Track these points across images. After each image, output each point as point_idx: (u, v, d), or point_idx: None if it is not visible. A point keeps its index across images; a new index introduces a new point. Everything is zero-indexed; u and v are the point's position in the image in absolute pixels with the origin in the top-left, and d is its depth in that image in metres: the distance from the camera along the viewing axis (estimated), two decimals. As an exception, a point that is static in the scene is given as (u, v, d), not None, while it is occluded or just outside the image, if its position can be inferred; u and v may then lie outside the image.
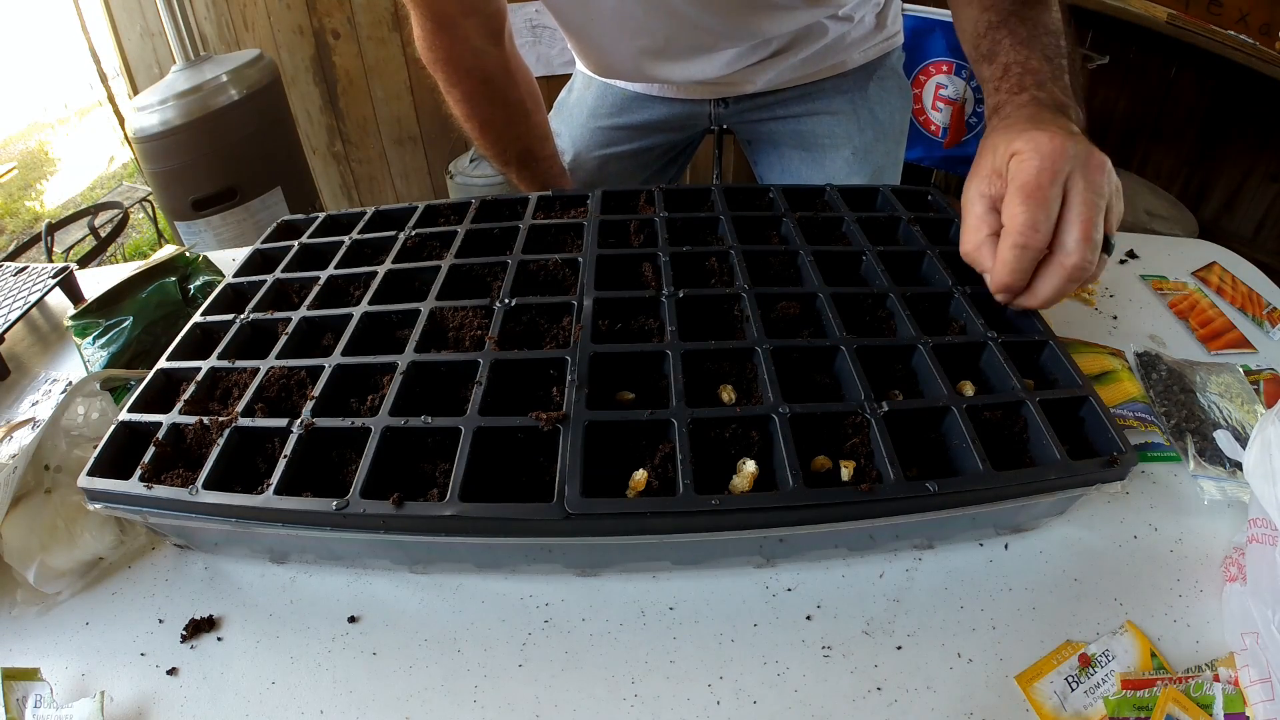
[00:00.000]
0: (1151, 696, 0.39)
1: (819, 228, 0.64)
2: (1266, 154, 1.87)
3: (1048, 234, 0.48)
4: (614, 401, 0.49)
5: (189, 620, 0.47)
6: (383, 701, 0.42)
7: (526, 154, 0.89)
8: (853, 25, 0.88)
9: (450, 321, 0.55)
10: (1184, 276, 0.73)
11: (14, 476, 0.50)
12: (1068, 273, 0.48)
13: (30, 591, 0.49)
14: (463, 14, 0.80)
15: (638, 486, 0.42)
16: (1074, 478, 0.43)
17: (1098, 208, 0.48)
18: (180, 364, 0.55)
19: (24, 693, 0.42)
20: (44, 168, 3.65)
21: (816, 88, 0.94)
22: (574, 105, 1.06)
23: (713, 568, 0.48)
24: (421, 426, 0.46)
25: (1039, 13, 0.61)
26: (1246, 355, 0.64)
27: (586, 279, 0.57)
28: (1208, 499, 0.50)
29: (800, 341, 0.51)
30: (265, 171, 1.98)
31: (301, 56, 2.27)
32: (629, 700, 0.41)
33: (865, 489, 0.41)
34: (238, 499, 0.43)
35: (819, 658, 0.43)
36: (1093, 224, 0.47)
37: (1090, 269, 0.48)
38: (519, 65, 0.88)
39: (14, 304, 0.75)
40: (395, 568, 0.49)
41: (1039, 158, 0.48)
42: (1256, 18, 1.69)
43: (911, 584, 0.46)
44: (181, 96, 1.81)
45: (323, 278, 0.62)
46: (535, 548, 0.45)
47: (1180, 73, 1.93)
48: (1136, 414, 0.56)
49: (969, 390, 0.49)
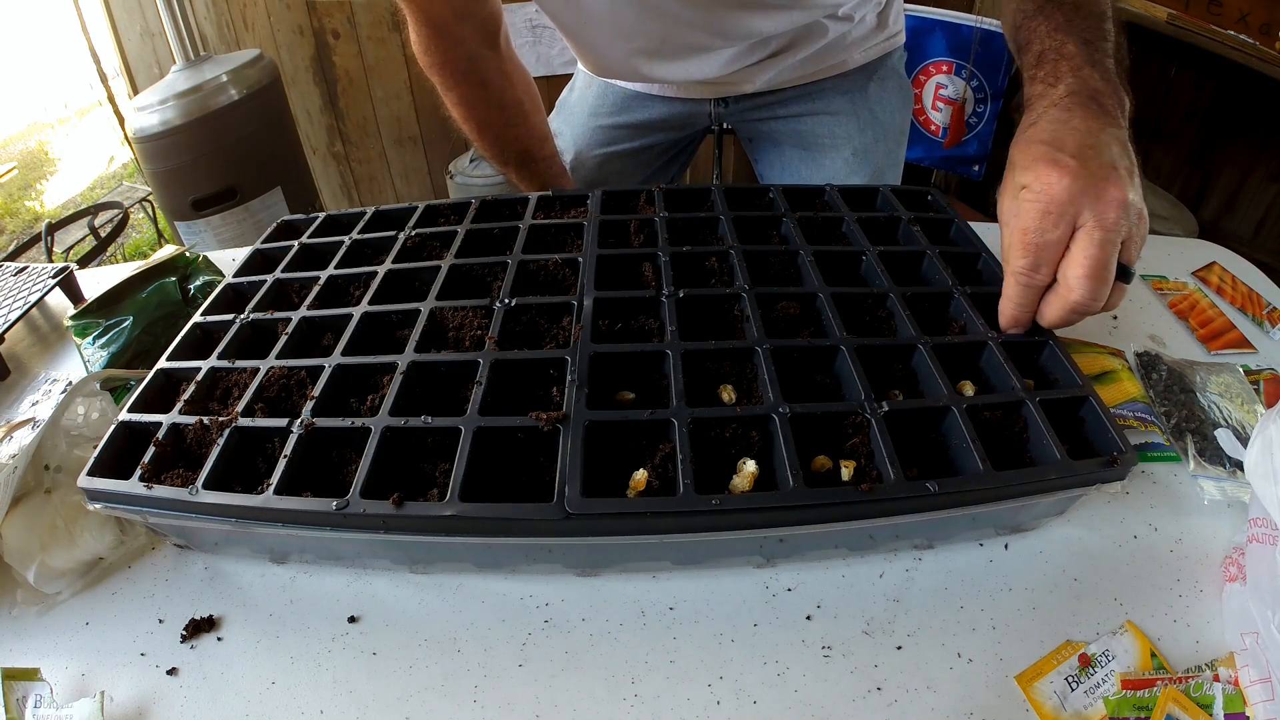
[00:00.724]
0: (1151, 696, 0.39)
1: (819, 228, 0.64)
2: (1266, 154, 1.87)
3: (1049, 273, 0.48)
4: (614, 401, 0.49)
5: (189, 620, 0.47)
6: (383, 701, 0.42)
7: (525, 155, 0.89)
8: (853, 25, 0.88)
9: (450, 321, 0.55)
10: (1184, 276, 0.73)
11: (14, 476, 0.50)
12: (1070, 306, 0.48)
13: (30, 591, 0.49)
14: (457, 18, 0.79)
15: (638, 486, 0.42)
16: (1074, 478, 0.43)
17: (1107, 244, 0.46)
18: (180, 364, 0.55)
19: (24, 693, 0.42)
20: (44, 168, 3.65)
21: (817, 88, 0.94)
22: (575, 104, 1.06)
23: (713, 568, 0.48)
24: (421, 426, 0.46)
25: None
26: (1246, 355, 0.63)
27: (586, 279, 0.57)
28: (1208, 499, 0.50)
29: (800, 341, 0.50)
30: (265, 171, 1.98)
31: (301, 56, 2.27)
32: (629, 700, 0.41)
33: (865, 489, 0.41)
34: (238, 499, 0.43)
35: (819, 658, 0.43)
36: (1099, 262, 0.46)
37: (1095, 305, 0.47)
38: (516, 67, 0.88)
39: (14, 304, 0.75)
40: (395, 568, 0.49)
41: (1044, 200, 0.47)
42: (1256, 18, 1.69)
43: (911, 584, 0.46)
44: (181, 96, 1.81)
45: (323, 278, 0.62)
46: (535, 548, 0.45)
47: (1180, 73, 1.93)
48: (1136, 414, 0.56)
49: (969, 390, 0.49)
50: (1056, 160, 0.48)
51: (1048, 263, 0.48)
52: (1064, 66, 0.55)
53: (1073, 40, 0.56)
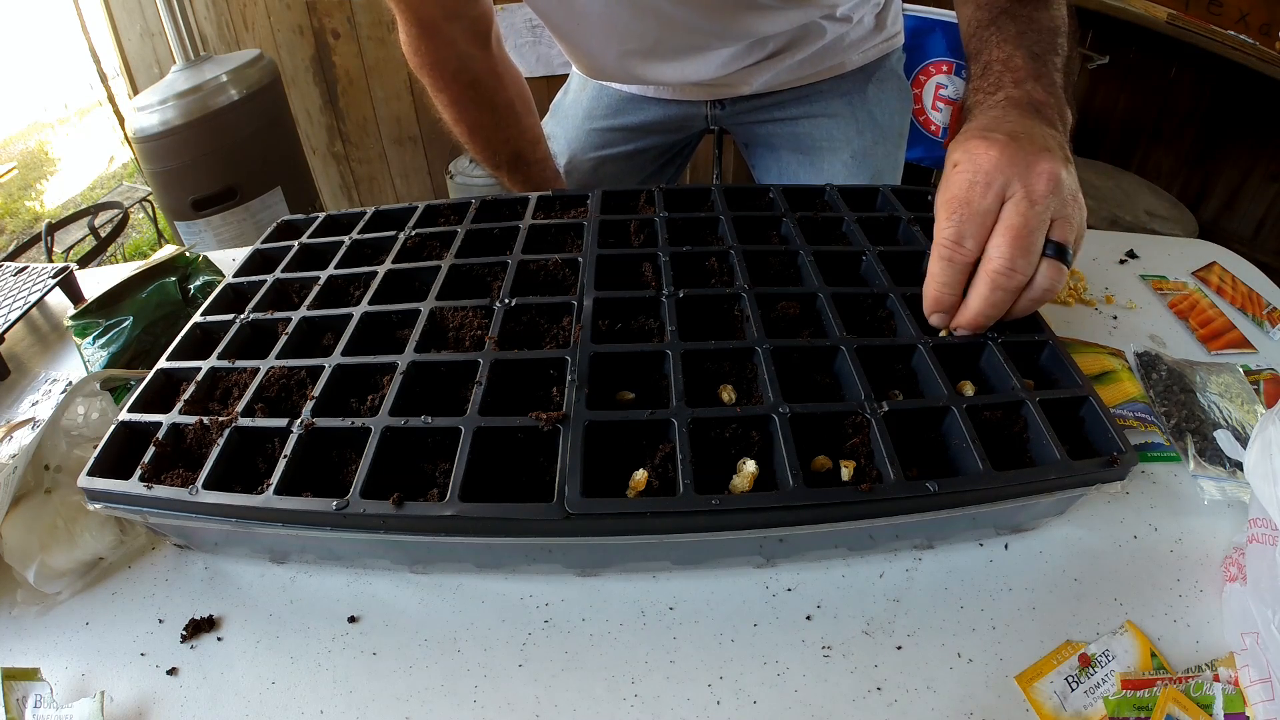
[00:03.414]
0: (1151, 696, 0.39)
1: (819, 228, 0.64)
2: (1266, 154, 1.87)
3: (975, 248, 0.46)
4: (614, 401, 0.49)
5: (189, 620, 0.47)
6: (383, 701, 0.42)
7: (517, 157, 0.89)
8: (851, 26, 0.88)
9: (450, 321, 0.55)
10: (1184, 276, 0.73)
11: (14, 476, 0.50)
12: (991, 279, 0.46)
13: (30, 591, 0.49)
14: (447, 18, 0.79)
15: (638, 486, 0.42)
16: (1074, 478, 0.43)
17: (1032, 214, 0.45)
18: (180, 364, 0.55)
19: (24, 693, 0.42)
20: (44, 168, 3.65)
21: (814, 89, 0.93)
22: (569, 107, 1.05)
23: (713, 568, 0.48)
24: (421, 426, 0.46)
25: (1034, 10, 0.59)
26: (1246, 355, 0.63)
27: (586, 279, 0.57)
28: (1208, 499, 0.50)
29: (800, 341, 0.50)
30: (265, 171, 1.98)
31: (301, 56, 2.27)
32: (629, 700, 0.41)
33: (865, 489, 0.41)
34: (238, 499, 0.43)
35: (819, 658, 0.43)
36: (1025, 230, 0.45)
37: (1019, 276, 0.46)
38: (507, 68, 0.87)
39: (14, 304, 0.75)
40: (395, 568, 0.49)
41: (971, 170, 0.46)
42: (1256, 18, 1.69)
43: (911, 584, 0.46)
44: (181, 96, 1.81)
45: (323, 278, 0.62)
46: (535, 548, 0.45)
47: (1180, 73, 1.93)
48: (1136, 414, 0.56)
49: (969, 390, 0.49)
50: (987, 138, 0.47)
51: (973, 235, 0.46)
52: (1007, 78, 0.54)
53: (1021, 53, 0.55)
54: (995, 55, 0.57)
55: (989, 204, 0.46)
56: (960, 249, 0.46)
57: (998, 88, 0.54)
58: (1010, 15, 0.59)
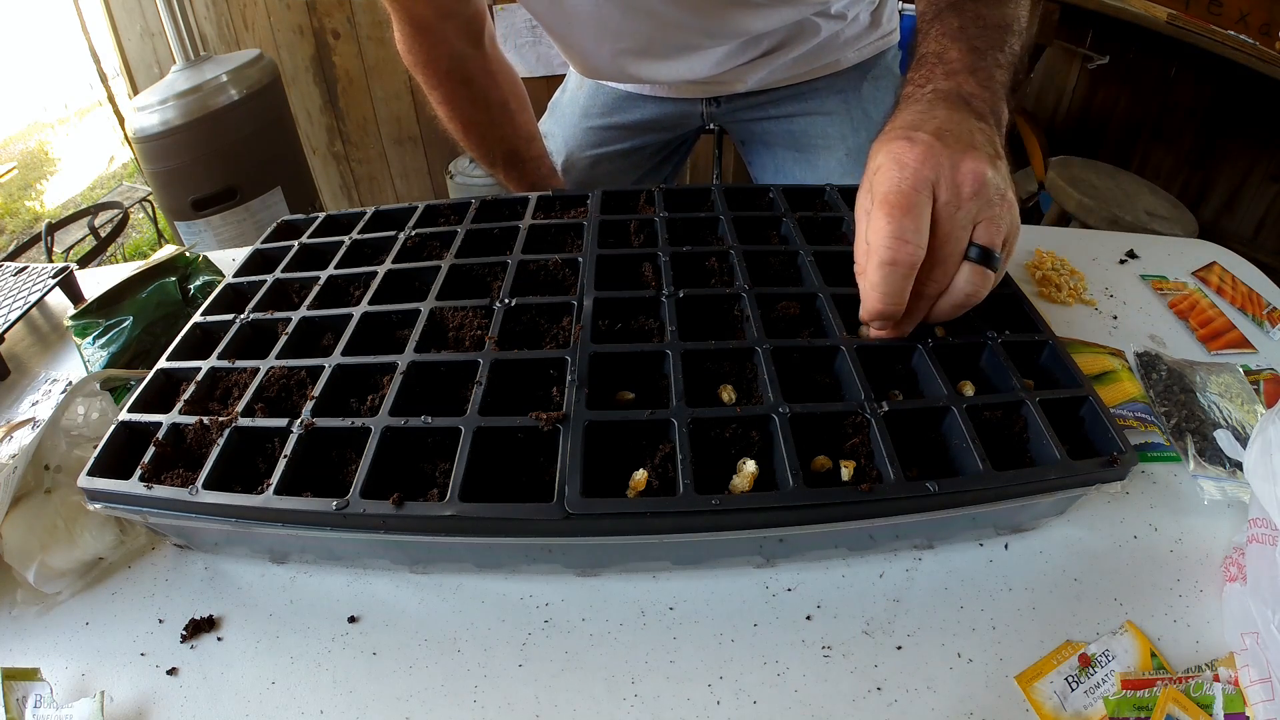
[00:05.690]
0: (1151, 696, 0.39)
1: (819, 228, 0.64)
2: (1266, 154, 1.87)
3: (920, 246, 0.43)
4: (614, 401, 0.49)
5: (189, 620, 0.47)
6: (383, 701, 0.42)
7: (512, 155, 0.89)
8: (846, 24, 0.88)
9: (450, 321, 0.55)
10: (1184, 276, 0.73)
11: (14, 476, 0.50)
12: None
13: (30, 591, 0.49)
14: (440, 17, 0.79)
15: (638, 486, 0.42)
16: (1074, 478, 0.43)
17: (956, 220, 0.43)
18: (180, 364, 0.55)
19: (24, 693, 0.42)
20: (44, 168, 3.65)
21: (809, 87, 0.93)
22: (566, 105, 1.06)
23: (713, 568, 0.48)
24: (421, 426, 0.46)
25: (983, 6, 0.56)
26: (1246, 355, 0.63)
27: (586, 279, 0.57)
28: (1208, 499, 0.50)
29: (800, 341, 0.50)
30: (265, 171, 1.98)
31: (301, 56, 2.27)
32: (629, 700, 0.41)
33: (865, 489, 0.41)
34: (238, 499, 0.43)
35: (819, 658, 0.43)
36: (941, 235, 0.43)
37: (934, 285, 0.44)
38: (501, 66, 0.87)
39: (14, 304, 0.75)
40: (395, 568, 0.49)
41: (898, 169, 0.44)
42: (1256, 18, 1.70)
43: (911, 584, 0.46)
44: (181, 96, 1.81)
45: (323, 278, 0.62)
46: (535, 548, 0.45)
47: (1180, 73, 1.93)
48: (1136, 414, 0.56)
49: (969, 390, 0.49)
50: (911, 137, 0.45)
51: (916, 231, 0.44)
52: (939, 70, 0.52)
53: (958, 47, 0.53)
54: (931, 48, 0.55)
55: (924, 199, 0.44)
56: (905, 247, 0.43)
57: (928, 80, 0.52)
58: (955, 9, 0.56)
